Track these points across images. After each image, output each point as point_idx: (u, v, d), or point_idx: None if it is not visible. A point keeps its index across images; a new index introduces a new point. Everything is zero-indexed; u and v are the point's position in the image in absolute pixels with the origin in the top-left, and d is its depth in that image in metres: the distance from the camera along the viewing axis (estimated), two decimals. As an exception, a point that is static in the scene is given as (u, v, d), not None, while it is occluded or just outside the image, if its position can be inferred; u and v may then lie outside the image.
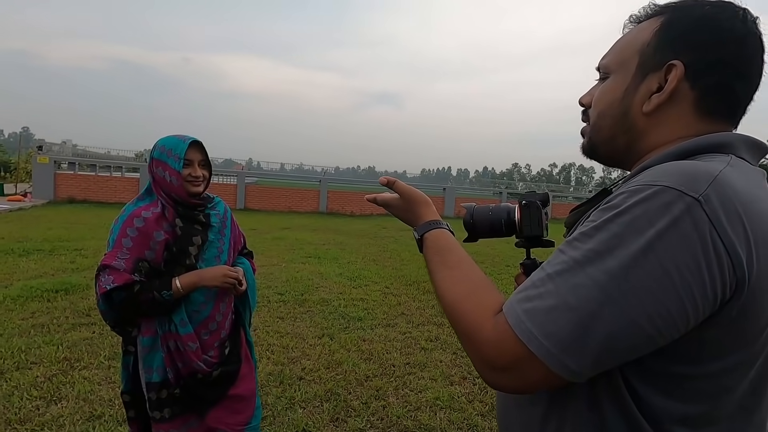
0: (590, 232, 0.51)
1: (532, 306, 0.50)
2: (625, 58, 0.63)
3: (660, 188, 0.48)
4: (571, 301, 0.48)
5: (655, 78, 0.60)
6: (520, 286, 0.55)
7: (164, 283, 1.34)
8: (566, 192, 42.31)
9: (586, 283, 0.48)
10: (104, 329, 3.53)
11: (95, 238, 7.87)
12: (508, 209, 0.82)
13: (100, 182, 16.73)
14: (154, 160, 1.40)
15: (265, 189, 18.65)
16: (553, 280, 0.50)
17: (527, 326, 0.50)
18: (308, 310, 4.39)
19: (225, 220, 1.55)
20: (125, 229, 1.34)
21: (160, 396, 1.39)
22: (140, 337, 1.38)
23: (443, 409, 2.63)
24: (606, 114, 0.64)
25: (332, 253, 7.90)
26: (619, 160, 0.67)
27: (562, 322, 0.48)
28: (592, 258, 0.49)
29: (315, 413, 2.50)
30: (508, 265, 7.40)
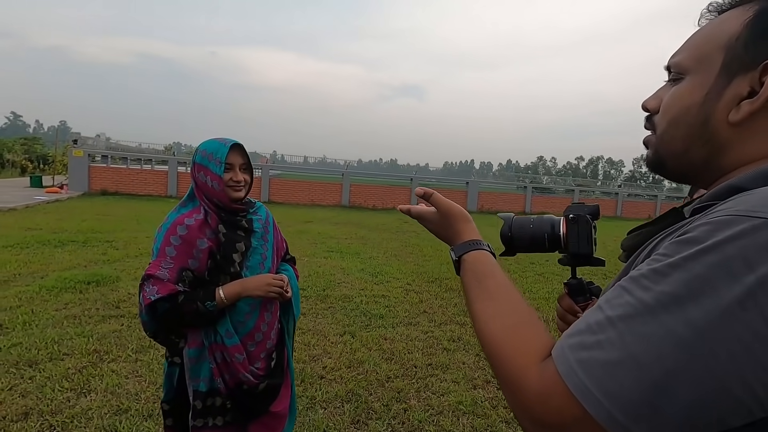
0: (664, 270, 0.41)
1: (589, 356, 0.42)
2: (706, 55, 0.52)
3: (762, 222, 0.39)
4: (642, 356, 0.39)
5: (746, 80, 0.49)
6: (572, 327, 0.47)
7: (208, 294, 1.30)
8: (593, 186, 41.05)
9: (662, 335, 0.39)
10: (132, 322, 3.63)
11: (126, 230, 8.13)
12: (552, 222, 0.74)
13: (131, 175, 17.28)
14: (196, 164, 1.37)
15: (288, 182, 18.85)
16: (616, 327, 0.41)
17: (581, 379, 0.41)
18: (330, 306, 4.39)
19: (267, 225, 1.51)
20: (168, 237, 1.31)
21: (206, 404, 1.37)
22: (187, 349, 1.36)
23: (466, 415, 2.56)
24: (680, 122, 0.54)
25: (354, 247, 7.90)
26: (693, 176, 0.57)
27: (628, 380, 0.39)
28: (668, 304, 0.40)
29: (336, 414, 2.49)
30: (533, 263, 7.22)
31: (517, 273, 6.55)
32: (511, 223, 0.77)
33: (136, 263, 5.62)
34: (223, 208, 1.38)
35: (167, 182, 17.29)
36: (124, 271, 5.18)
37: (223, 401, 1.37)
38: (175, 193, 16.95)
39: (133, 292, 4.38)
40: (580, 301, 0.76)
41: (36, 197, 13.15)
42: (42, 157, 31.11)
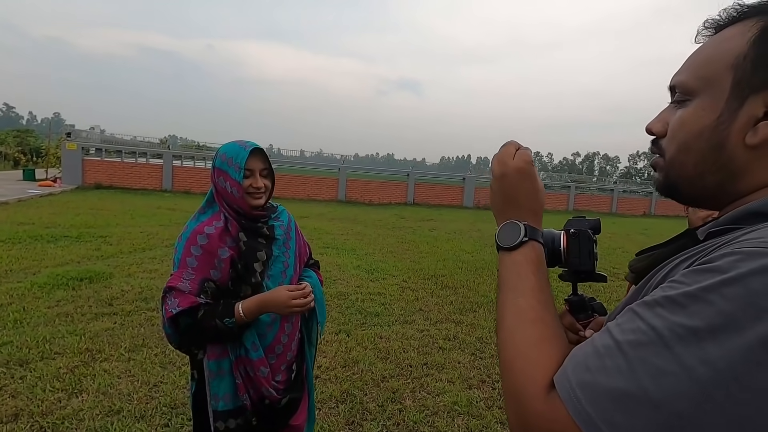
0: (681, 300, 0.39)
1: (592, 380, 0.40)
2: (713, 75, 0.50)
3: None
4: (654, 393, 0.37)
5: (760, 100, 0.47)
6: (576, 349, 0.45)
7: (226, 311, 1.24)
8: (589, 183, 41.19)
9: (675, 372, 0.36)
10: (125, 320, 3.59)
11: (120, 225, 8.06)
12: (553, 236, 0.72)
13: (126, 168, 17.12)
14: (216, 169, 1.31)
15: (284, 176, 18.75)
16: (626, 354, 0.39)
17: (583, 406, 0.39)
18: (326, 304, 4.36)
19: (289, 231, 1.45)
20: (189, 247, 1.26)
21: (228, 426, 1.30)
22: (206, 361, 1.29)
23: (461, 415, 2.56)
24: (691, 147, 0.51)
25: (350, 243, 7.88)
26: (706, 201, 0.54)
27: (638, 418, 0.37)
28: (685, 337, 0.37)
29: (330, 415, 2.47)
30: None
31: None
32: None
33: (130, 259, 5.57)
34: (244, 215, 1.33)
35: (162, 176, 17.15)
36: (118, 267, 5.14)
37: (248, 419, 1.31)
38: (170, 187, 16.84)
39: (126, 289, 4.35)
40: (581, 319, 0.74)
41: (29, 191, 13.01)
42: (35, 149, 30.76)
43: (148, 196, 14.30)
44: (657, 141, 0.57)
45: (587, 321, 0.74)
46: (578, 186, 26.00)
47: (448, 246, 8.38)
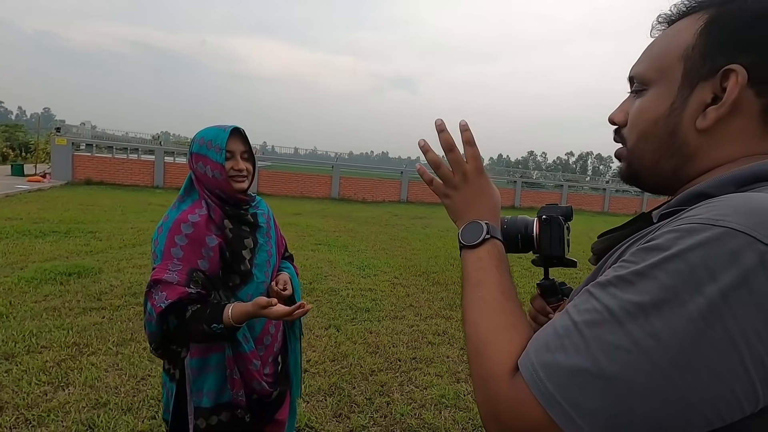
0: (630, 278, 0.41)
1: (552, 360, 0.42)
2: (666, 66, 0.53)
3: (724, 231, 0.38)
4: (607, 367, 0.39)
5: (708, 87, 0.49)
6: (539, 332, 0.47)
7: (214, 316, 1.15)
8: (582, 182, 41.51)
9: (627, 346, 0.38)
10: (114, 314, 3.57)
11: (110, 221, 7.99)
12: (526, 223, 0.74)
13: (117, 164, 16.96)
14: (194, 154, 1.26)
15: (278, 174, 18.68)
16: (582, 333, 0.41)
17: (547, 387, 0.41)
18: (316, 300, 4.38)
19: (269, 220, 1.42)
20: (172, 237, 1.19)
21: (210, 423, 1.24)
22: (189, 359, 1.23)
23: (448, 408, 2.58)
24: (649, 135, 0.54)
25: (342, 240, 7.88)
26: (665, 187, 0.57)
27: (594, 392, 0.39)
28: (633, 313, 0.39)
29: (318, 407, 2.49)
30: (520, 258, 7.28)
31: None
32: None
33: (120, 255, 5.54)
34: (227, 200, 1.27)
35: (154, 172, 17.01)
36: (107, 262, 5.10)
37: (242, 414, 1.26)
38: (162, 184, 16.71)
39: (115, 284, 4.32)
40: (552, 302, 0.76)
41: (17, 186, 12.84)
42: (24, 144, 30.36)
43: (139, 193, 14.18)
44: (619, 130, 0.59)
45: (557, 304, 0.76)
46: (571, 185, 26.20)
47: (441, 243, 8.41)
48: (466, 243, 0.61)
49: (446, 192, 0.65)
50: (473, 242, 0.60)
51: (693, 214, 0.43)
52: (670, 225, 0.44)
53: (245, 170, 1.28)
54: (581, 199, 24.17)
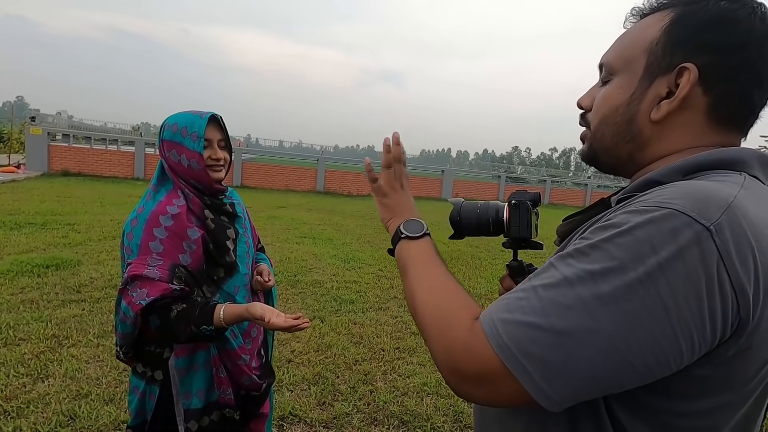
0: (585, 250, 0.46)
1: (511, 317, 0.47)
2: (631, 57, 0.57)
3: (669, 212, 0.44)
4: (557, 323, 0.44)
5: (665, 82, 0.54)
6: (502, 296, 0.52)
7: (203, 317, 1.09)
8: (565, 177, 42.22)
9: (576, 306, 0.44)
10: (94, 307, 3.53)
11: (88, 212, 7.81)
12: (497, 208, 0.78)
13: (95, 155, 16.52)
14: (166, 142, 1.18)
15: (262, 166, 18.48)
16: (539, 295, 0.46)
17: (504, 339, 0.46)
18: (300, 292, 4.39)
19: (244, 210, 1.40)
20: (150, 230, 1.12)
21: (201, 425, 1.18)
22: (174, 359, 1.16)
23: (430, 395, 2.65)
24: (609, 120, 0.59)
25: (327, 233, 7.88)
26: (620, 169, 0.62)
27: (544, 344, 0.44)
28: (584, 279, 0.44)
29: (302, 396, 2.52)
30: (503, 251, 7.40)
31: (478, 270, 6.70)
32: (459, 208, 0.81)
33: (99, 247, 5.44)
34: (203, 190, 1.21)
35: (134, 164, 16.64)
36: (86, 254, 5.01)
37: (230, 413, 1.21)
38: (143, 176, 16.36)
39: (95, 276, 4.25)
40: (520, 281, 0.81)
41: (-10, 177, 12.41)
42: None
43: (119, 184, 13.87)
44: (585, 115, 0.64)
45: None
46: (554, 180, 26.62)
47: (425, 236, 8.49)
48: (412, 234, 0.69)
49: (387, 192, 0.77)
50: (417, 234, 0.69)
51: (645, 198, 0.48)
52: (625, 208, 0.48)
53: (222, 159, 1.24)
54: (564, 194, 24.59)
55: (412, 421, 2.38)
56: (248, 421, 1.32)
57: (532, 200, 0.76)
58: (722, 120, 0.54)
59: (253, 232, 1.46)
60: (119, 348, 1.19)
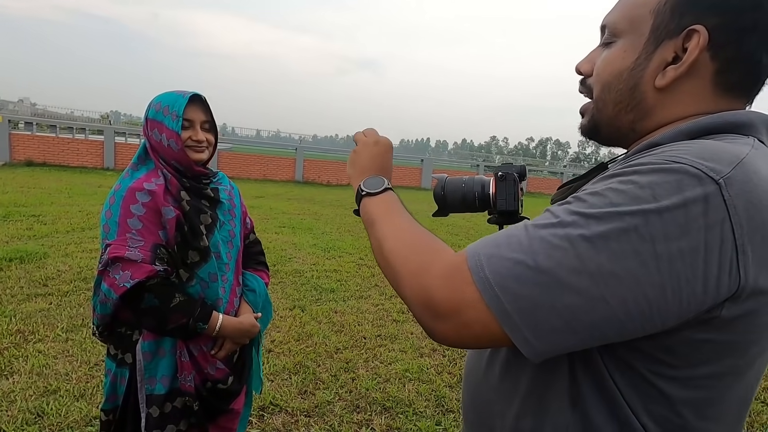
0: (584, 196, 0.45)
1: (497, 252, 0.44)
2: (636, 18, 0.53)
3: (678, 166, 0.42)
4: (542, 262, 0.42)
5: (671, 46, 0.51)
6: (493, 234, 0.50)
7: (204, 315, 1.13)
8: (542, 166, 42.98)
9: (563, 246, 0.42)
10: (62, 300, 3.38)
11: (55, 203, 7.48)
12: (483, 182, 0.75)
13: (61, 144, 15.80)
14: (149, 120, 1.17)
15: (239, 156, 18.07)
16: (528, 233, 0.44)
17: (485, 273, 0.43)
18: (280, 281, 4.33)
19: (233, 197, 1.35)
20: (128, 207, 1.10)
21: (163, 411, 1.16)
22: (141, 342, 1.15)
23: (412, 381, 2.65)
24: (612, 87, 0.55)
25: (307, 223, 7.79)
26: (622, 140, 0.59)
27: (526, 282, 0.42)
28: (577, 221, 0.42)
29: (283, 386, 2.48)
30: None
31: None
32: (444, 183, 0.77)
33: (68, 239, 5.21)
34: (184, 172, 1.19)
35: (103, 153, 16.00)
36: (53, 247, 4.79)
37: (190, 402, 1.20)
38: (113, 166, 15.76)
39: (63, 269, 4.07)
40: None
41: (-54, 167, 11.71)
42: (-47, 122, 27.58)
43: (88, 174, 13.33)
44: (584, 81, 0.60)
45: None
46: (531, 169, 27.07)
47: (405, 225, 8.50)
48: (371, 190, 0.66)
49: (359, 139, 0.75)
50: (377, 189, 0.66)
51: (650, 156, 0.46)
52: (626, 161, 0.47)
53: (205, 141, 1.20)
54: (540, 183, 25.04)
55: (394, 406, 2.38)
56: (215, 416, 1.28)
57: (518, 173, 0.73)
58: (729, 86, 0.51)
59: (243, 220, 1.41)
60: (96, 327, 1.18)
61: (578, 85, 0.62)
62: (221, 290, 1.23)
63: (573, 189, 0.57)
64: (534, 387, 0.53)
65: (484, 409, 0.61)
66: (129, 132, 18.49)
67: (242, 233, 1.38)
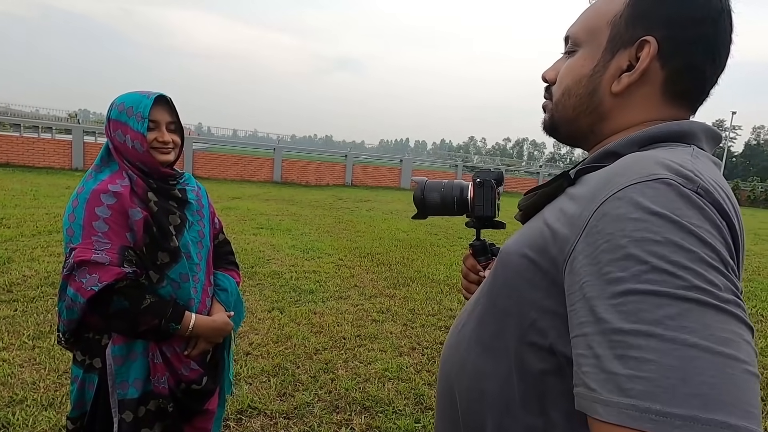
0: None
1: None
2: (595, 29, 0.58)
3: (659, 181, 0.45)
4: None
5: (626, 55, 0.55)
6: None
7: (177, 314, 1.13)
8: (518, 166, 43.83)
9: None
10: (28, 306, 3.25)
11: (20, 206, 7.17)
12: (462, 186, 0.78)
13: (26, 144, 15.14)
14: (112, 121, 1.15)
15: (215, 156, 17.71)
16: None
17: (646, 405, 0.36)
18: (258, 283, 4.27)
19: (200, 198, 1.34)
20: (92, 210, 1.07)
21: (137, 415, 1.14)
22: (111, 346, 1.12)
23: (391, 380, 2.67)
24: (572, 92, 0.60)
25: (285, 224, 7.71)
26: (580, 140, 0.63)
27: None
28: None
29: (261, 388, 2.46)
30: (461, 238, 7.59)
31: (445, 248, 6.84)
32: (424, 186, 0.80)
33: (33, 242, 5.01)
34: (150, 174, 1.17)
35: (72, 153, 15.42)
36: (18, 251, 4.59)
37: (164, 404, 1.18)
38: (81, 166, 15.20)
39: (29, 274, 3.91)
40: (482, 261, 0.81)
41: None
42: None
43: (55, 175, 12.82)
44: (549, 88, 0.64)
45: (487, 263, 0.81)
46: (508, 169, 27.53)
47: (385, 225, 8.52)
48: None
49: None
50: None
51: (613, 183, 0.47)
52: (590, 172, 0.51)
53: (171, 142, 1.19)
54: (517, 182, 25.50)
55: (374, 406, 2.39)
56: (190, 417, 1.27)
57: (496, 179, 0.76)
58: (676, 95, 0.56)
59: (212, 221, 1.40)
60: (62, 334, 1.16)
61: (544, 91, 0.66)
62: (193, 290, 1.23)
63: (539, 197, 0.60)
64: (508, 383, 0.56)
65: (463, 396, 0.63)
66: (99, 131, 17.86)
67: (212, 233, 1.38)
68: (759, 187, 29.77)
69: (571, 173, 0.58)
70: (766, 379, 3.10)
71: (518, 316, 0.55)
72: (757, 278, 6.33)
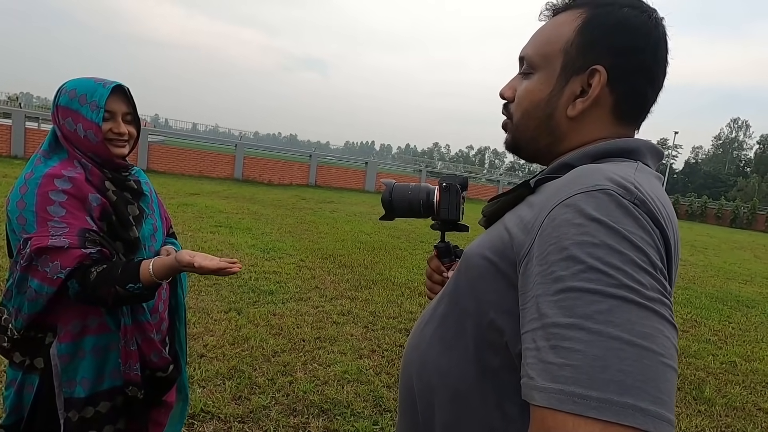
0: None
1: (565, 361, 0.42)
2: (549, 55, 0.62)
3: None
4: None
5: (579, 81, 0.60)
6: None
7: (127, 275, 1.01)
8: (480, 174, 45.15)
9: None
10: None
11: (-53, 194, 6.54)
12: (428, 190, 0.81)
13: (-43, 127, 13.87)
14: (60, 108, 1.09)
15: (172, 150, 16.97)
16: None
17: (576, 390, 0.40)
18: (215, 283, 4.13)
19: (152, 191, 1.31)
20: (45, 194, 1.01)
21: (83, 415, 1.09)
22: (57, 344, 1.07)
23: (351, 383, 2.66)
24: (531, 115, 0.64)
25: (245, 223, 7.51)
26: (540, 158, 0.69)
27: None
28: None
29: (216, 391, 2.38)
30: (423, 242, 7.70)
31: (407, 251, 6.90)
32: (392, 189, 0.82)
33: (-37, 234, 4.58)
34: (104, 164, 1.13)
35: (11, 140, 14.27)
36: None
37: (129, 392, 1.14)
38: (22, 153, 14.11)
39: (-44, 269, 3.57)
40: (446, 262, 0.84)
41: None
42: None
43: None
44: (507, 105, 0.68)
45: (450, 264, 0.83)
46: (470, 176, 28.27)
47: (348, 227, 8.49)
48: None
49: None
50: None
51: (563, 194, 0.51)
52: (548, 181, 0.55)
53: (127, 134, 1.14)
54: (478, 190, 26.23)
55: (332, 408, 2.37)
56: (149, 409, 1.24)
57: (461, 184, 0.79)
58: (623, 115, 0.61)
59: (162, 215, 1.36)
60: (12, 335, 1.07)
61: (502, 108, 0.70)
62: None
63: (502, 204, 0.63)
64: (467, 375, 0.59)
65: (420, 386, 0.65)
66: (43, 117, 16.65)
67: (164, 227, 1.35)
68: (696, 203, 32.26)
69: (531, 182, 0.61)
70: (698, 380, 3.36)
71: (478, 316, 0.57)
72: (693, 286, 6.85)
